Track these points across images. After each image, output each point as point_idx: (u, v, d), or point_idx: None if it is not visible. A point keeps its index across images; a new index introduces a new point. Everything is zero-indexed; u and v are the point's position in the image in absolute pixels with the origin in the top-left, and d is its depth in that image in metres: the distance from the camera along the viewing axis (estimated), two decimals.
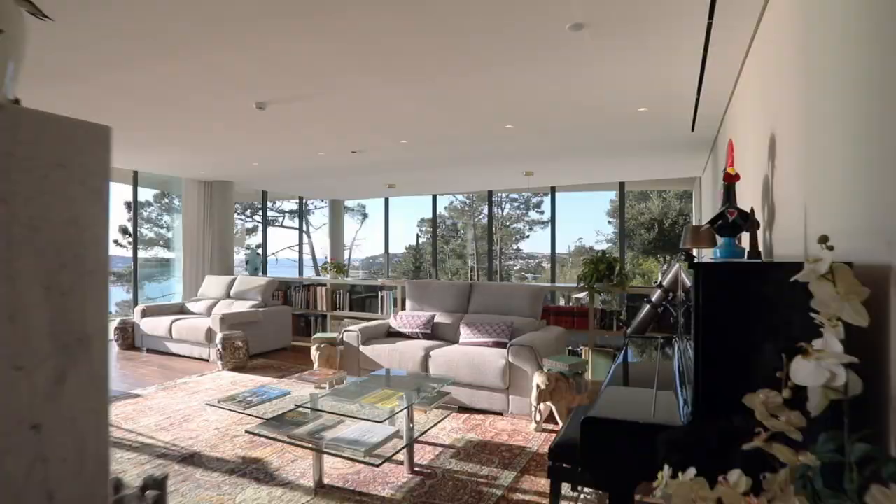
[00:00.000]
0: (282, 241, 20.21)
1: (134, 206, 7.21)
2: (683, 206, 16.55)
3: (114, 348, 6.22)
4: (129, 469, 2.80)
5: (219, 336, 5.06)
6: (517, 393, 3.54)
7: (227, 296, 6.42)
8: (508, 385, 3.57)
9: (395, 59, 3.04)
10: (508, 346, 3.62)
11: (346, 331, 4.31)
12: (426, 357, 3.89)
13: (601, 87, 3.55)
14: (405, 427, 2.66)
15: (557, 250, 9.01)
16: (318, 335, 4.38)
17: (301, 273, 10.60)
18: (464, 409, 3.74)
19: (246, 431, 2.71)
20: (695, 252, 3.47)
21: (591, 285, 4.67)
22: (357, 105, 3.98)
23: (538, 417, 3.28)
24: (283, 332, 6.10)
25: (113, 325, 6.33)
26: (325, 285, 6.43)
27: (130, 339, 6.19)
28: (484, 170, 7.00)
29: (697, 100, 3.69)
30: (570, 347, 4.79)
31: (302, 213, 12.38)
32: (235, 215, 18.55)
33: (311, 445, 2.44)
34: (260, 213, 18.95)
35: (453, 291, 4.65)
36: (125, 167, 6.86)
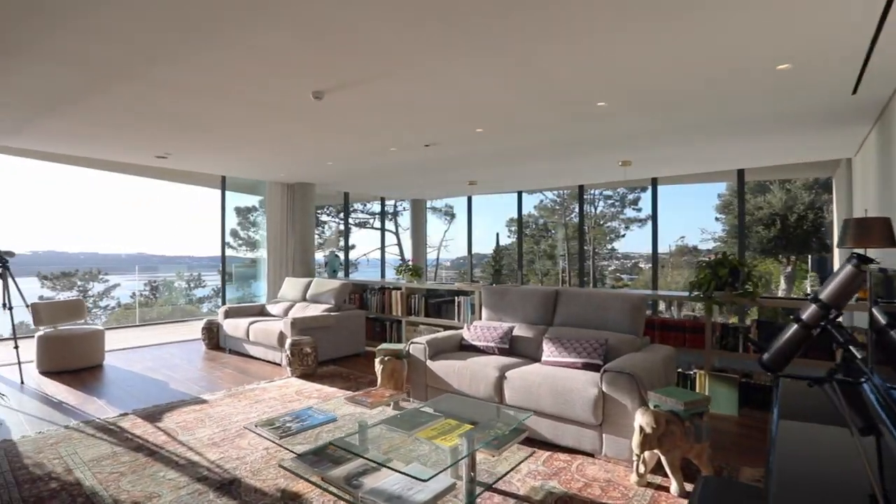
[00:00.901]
0: (373, 243, 20.62)
1: (222, 210, 7.43)
2: (815, 198, 14.19)
3: (201, 347, 6.38)
4: (165, 494, 2.54)
5: (288, 341, 4.86)
6: (613, 431, 2.82)
7: (304, 298, 6.30)
8: (602, 420, 2.85)
9: (466, 26, 2.49)
10: (602, 372, 2.90)
11: (412, 343, 3.85)
12: (500, 379, 3.28)
13: (726, 40, 2.70)
14: (466, 477, 2.10)
15: (657, 250, 7.90)
16: (384, 346, 3.96)
17: (383, 275, 10.46)
18: (545, 445, 3.09)
19: (279, 465, 2.33)
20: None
21: (709, 294, 3.76)
22: (425, 89, 3.49)
23: (641, 468, 2.54)
24: (356, 337, 5.83)
25: (201, 324, 6.50)
26: (400, 289, 6.07)
27: (215, 339, 6.30)
28: (573, 162, 6.22)
29: (871, 49, 2.70)
30: (679, 369, 3.91)
31: (384, 213, 12.27)
32: (328, 218, 19.23)
33: (345, 496, 1.97)
34: (354, 215, 19.54)
35: (536, 300, 3.99)
36: (214, 172, 7.06)
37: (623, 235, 18.47)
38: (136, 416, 3.72)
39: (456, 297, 5.48)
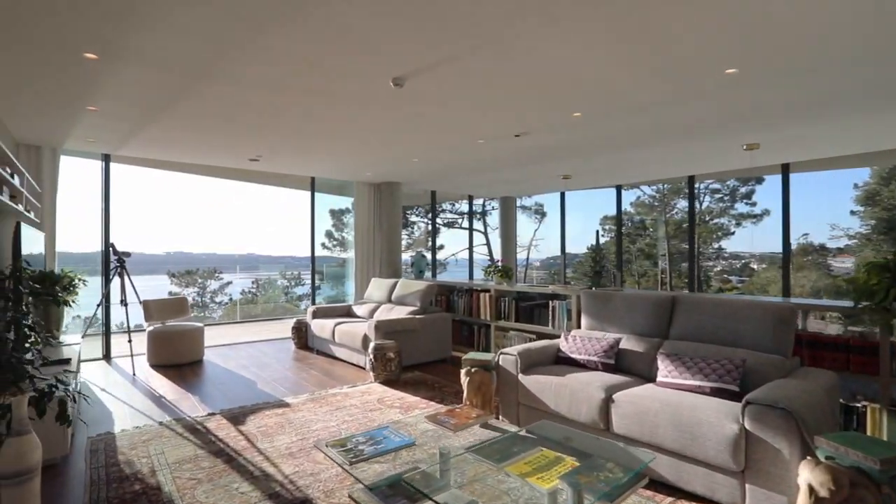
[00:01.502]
0: (463, 243, 20.49)
1: (312, 211, 7.54)
2: None
3: (291, 347, 6.47)
4: None
5: (371, 345, 4.67)
6: (761, 482, 2.18)
7: (389, 300, 6.14)
8: (744, 466, 2.23)
9: None
10: (745, 405, 2.27)
11: (502, 353, 3.42)
12: (607, 402, 2.75)
13: None
14: None
15: (772, 249, 6.69)
16: (471, 356, 3.59)
17: (471, 276, 10.12)
18: (665, 488, 2.51)
19: (349, 496, 2.03)
20: None
21: (887, 305, 2.91)
22: (516, 67, 3.06)
23: None
24: (442, 341, 5.52)
25: (290, 323, 6.60)
26: (488, 291, 5.67)
27: (304, 338, 6.35)
28: (686, 147, 5.40)
29: None
30: (841, 400, 3.09)
31: (472, 212, 11.90)
32: (417, 218, 19.38)
33: None
34: (442, 215, 19.52)
35: (647, 307, 3.38)
36: (303, 174, 7.18)
37: (733, 233, 16.55)
38: (222, 417, 3.70)
39: (550, 302, 4.96)
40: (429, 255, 8.81)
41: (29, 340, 2.31)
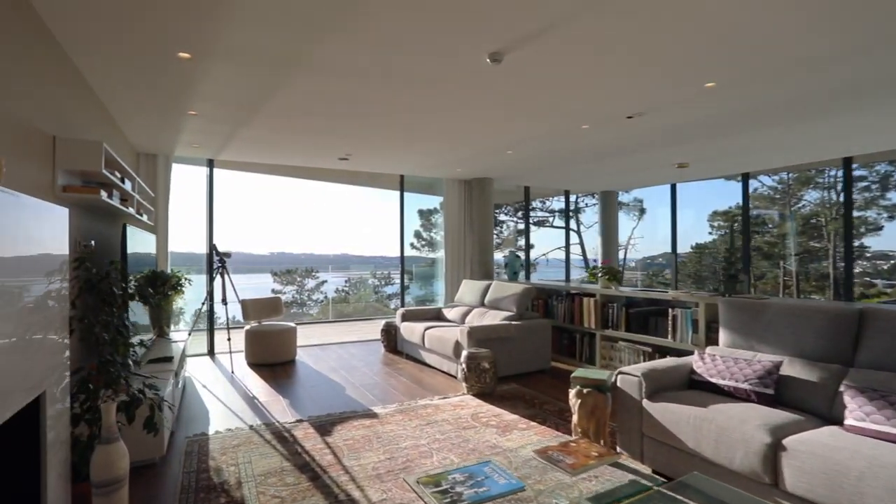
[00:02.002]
0: (552, 242, 19.65)
1: (401, 210, 7.36)
2: None
3: (380, 349, 6.31)
4: None
5: (464, 353, 4.29)
6: None
7: (482, 303, 5.74)
8: None
9: None
10: None
11: (621, 373, 2.86)
12: (774, 449, 2.10)
13: None
14: None
15: None
16: (581, 373, 3.06)
17: (567, 277, 9.43)
18: None
19: None
20: None
21: None
22: (640, 27, 2.50)
23: None
24: (540, 350, 5.00)
25: (380, 326, 6.45)
26: (593, 296, 5.05)
27: (393, 341, 6.16)
28: (854, 117, 4.34)
29: None
30: None
31: (568, 210, 11.16)
32: (506, 217, 18.85)
33: None
34: (532, 213, 18.82)
35: (823, 323, 2.62)
36: (392, 171, 7.01)
37: (881, 228, 14.06)
38: (309, 425, 3.52)
39: (671, 309, 4.25)
40: (523, 255, 8.28)
41: (120, 343, 2.20)
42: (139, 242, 4.04)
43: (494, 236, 7.73)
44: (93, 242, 3.35)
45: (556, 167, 6.62)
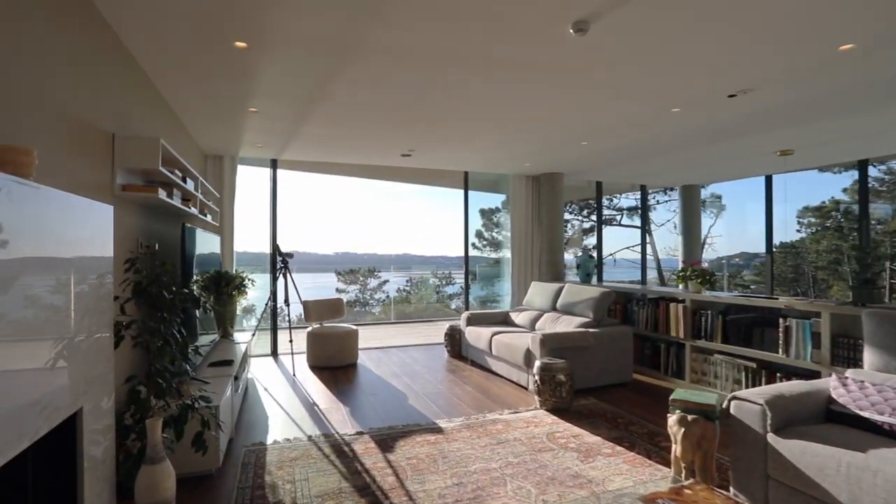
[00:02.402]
0: (618, 242, 18.67)
1: (465, 208, 7.04)
2: None
3: (443, 354, 6.02)
4: None
5: (537, 364, 3.89)
6: None
7: (553, 308, 5.29)
8: None
9: None
10: None
11: (735, 399, 2.35)
12: None
13: None
14: None
15: None
16: (681, 395, 2.58)
17: (643, 279, 8.70)
18: None
19: None
20: None
21: None
22: None
23: None
24: (620, 361, 4.49)
25: (441, 328, 6.17)
26: (682, 301, 4.48)
27: (457, 346, 5.85)
28: None
29: None
30: None
31: (645, 206, 10.23)
32: (570, 216, 18.08)
33: None
34: (616, 202, 17.90)
35: None
36: (456, 168, 6.71)
37: None
38: (370, 439, 3.27)
39: (781, 319, 3.62)
40: (594, 255, 7.70)
41: (167, 352, 2.03)
42: (203, 243, 3.99)
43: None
44: (156, 244, 3.29)
45: (634, 159, 6.03)
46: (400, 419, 3.65)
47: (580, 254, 6.27)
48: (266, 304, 5.63)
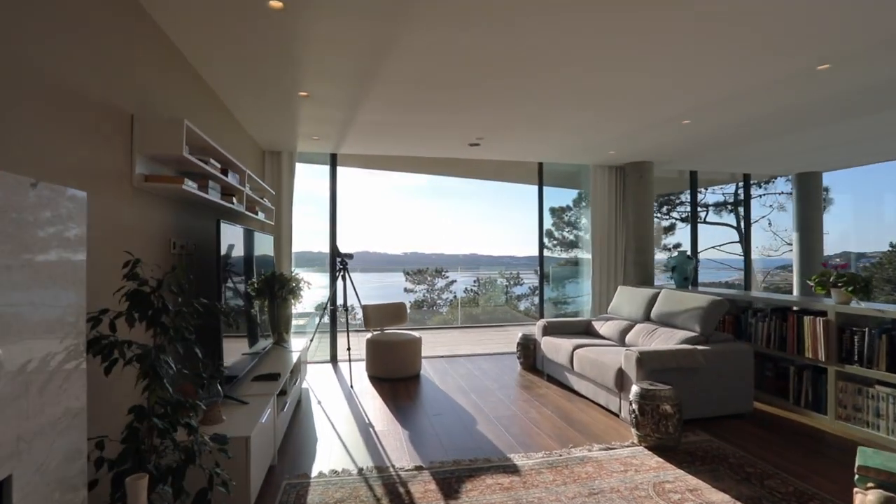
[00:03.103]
0: (703, 240, 17.00)
1: (540, 203, 6.32)
2: None
3: (515, 366, 5.38)
4: None
5: (634, 390, 3.16)
6: None
7: (647, 318, 4.48)
8: None
9: None
10: None
11: None
12: None
13: None
14: None
15: None
16: (873, 460, 1.79)
17: (746, 284, 7.52)
18: None
19: None
20: None
21: None
22: None
23: None
24: (737, 386, 3.63)
25: (512, 334, 5.52)
26: (821, 314, 3.54)
27: (531, 358, 5.18)
28: None
29: None
30: None
31: (748, 197, 8.75)
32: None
33: None
34: (682, 206, 16.39)
35: None
36: (528, 159, 6.03)
37: None
38: (430, 477, 2.71)
39: None
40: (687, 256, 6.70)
41: (155, 387, 1.57)
42: (251, 242, 3.64)
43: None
44: (193, 244, 2.95)
45: (741, 141, 5.04)
46: (467, 450, 3.07)
47: (674, 254, 5.36)
48: (324, 308, 5.29)
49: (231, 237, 3.02)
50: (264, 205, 4.39)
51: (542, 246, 6.43)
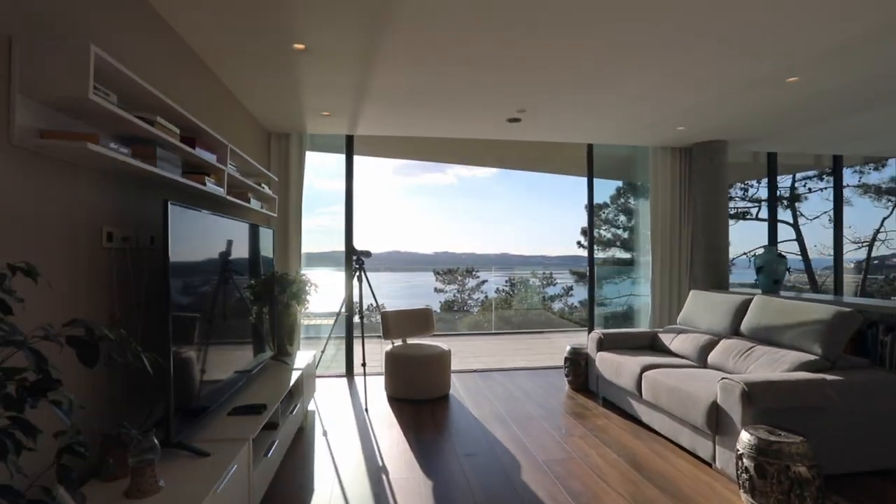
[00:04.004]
0: (755, 239, 15.64)
1: (589, 191, 5.40)
2: None
3: (561, 383, 4.51)
4: None
5: (745, 440, 2.26)
6: None
7: (735, 331, 3.55)
8: None
9: None
10: None
11: None
12: None
13: None
14: None
15: None
16: None
17: (837, 288, 6.38)
18: None
19: None
20: None
21: None
22: None
23: None
24: (886, 431, 2.67)
25: (553, 342, 4.65)
26: None
27: (582, 376, 4.30)
28: None
29: None
30: None
31: (839, 183, 7.21)
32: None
33: None
34: (753, 192, 15.01)
35: None
36: (576, 140, 5.13)
37: None
38: None
39: None
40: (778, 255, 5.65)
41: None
42: (230, 235, 2.92)
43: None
44: (150, 237, 2.23)
45: (829, 119, 4.01)
46: None
47: (761, 252, 4.37)
48: (337, 313, 4.56)
49: (198, 227, 2.29)
50: (263, 193, 3.67)
51: (591, 241, 5.52)
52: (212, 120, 3.04)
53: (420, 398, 4.01)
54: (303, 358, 3.72)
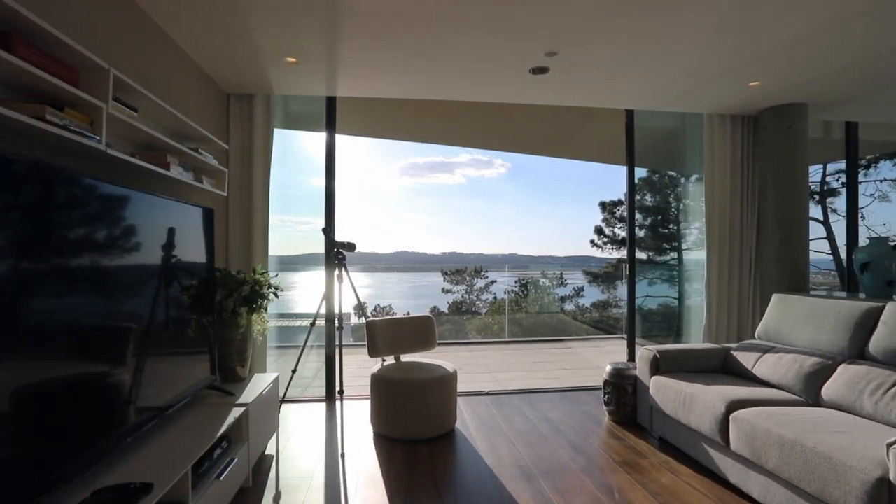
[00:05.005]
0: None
1: (630, 169, 4.36)
2: None
3: (597, 413, 3.49)
4: None
5: None
6: None
7: (859, 353, 2.52)
8: None
9: None
10: None
11: None
12: None
13: None
14: None
15: None
16: None
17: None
18: None
19: None
20: None
21: None
22: None
23: None
24: None
25: (580, 353, 3.64)
26: None
27: (629, 406, 3.29)
28: None
29: None
30: None
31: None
32: None
33: None
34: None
35: None
36: (614, 105, 4.12)
37: None
38: None
39: None
40: (893, 247, 4.59)
41: None
42: (120, 213, 1.94)
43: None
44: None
45: None
46: None
47: (865, 243, 3.31)
48: (313, 320, 3.57)
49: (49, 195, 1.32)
50: (198, 159, 2.69)
51: (632, 234, 4.49)
52: (132, 69, 2.07)
53: (415, 438, 3.02)
54: (259, 384, 2.76)
